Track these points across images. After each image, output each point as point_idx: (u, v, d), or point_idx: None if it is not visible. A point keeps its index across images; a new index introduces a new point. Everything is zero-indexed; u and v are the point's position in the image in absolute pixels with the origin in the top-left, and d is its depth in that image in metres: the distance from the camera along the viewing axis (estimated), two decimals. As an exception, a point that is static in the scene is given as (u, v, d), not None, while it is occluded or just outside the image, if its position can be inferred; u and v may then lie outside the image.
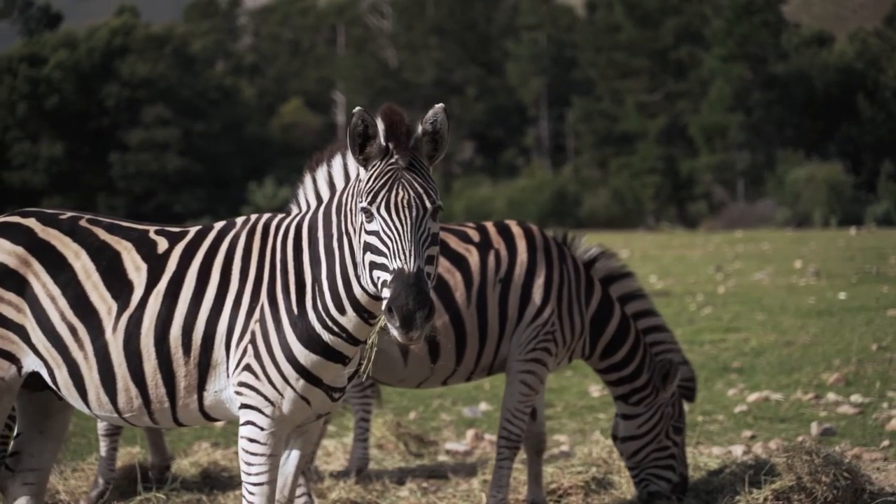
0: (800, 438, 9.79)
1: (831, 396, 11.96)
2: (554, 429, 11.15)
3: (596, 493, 8.46)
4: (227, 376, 5.75)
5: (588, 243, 8.19)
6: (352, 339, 5.64)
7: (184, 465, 9.35)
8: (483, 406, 12.22)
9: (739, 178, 63.05)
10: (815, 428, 10.34)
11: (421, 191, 5.31)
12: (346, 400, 9.72)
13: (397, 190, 5.27)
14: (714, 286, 23.95)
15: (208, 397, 5.80)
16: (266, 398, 5.66)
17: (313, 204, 5.83)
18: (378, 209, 5.25)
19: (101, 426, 8.71)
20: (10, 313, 5.89)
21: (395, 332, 5.11)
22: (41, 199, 64.55)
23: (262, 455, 5.72)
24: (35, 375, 5.97)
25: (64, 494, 8.86)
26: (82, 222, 6.07)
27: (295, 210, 5.91)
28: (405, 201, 5.26)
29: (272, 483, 5.77)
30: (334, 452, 10.18)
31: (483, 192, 63.54)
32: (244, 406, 5.71)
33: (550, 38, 75.46)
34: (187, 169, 66.33)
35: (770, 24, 64.16)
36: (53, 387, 5.95)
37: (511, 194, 62.11)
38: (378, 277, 5.23)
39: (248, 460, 5.74)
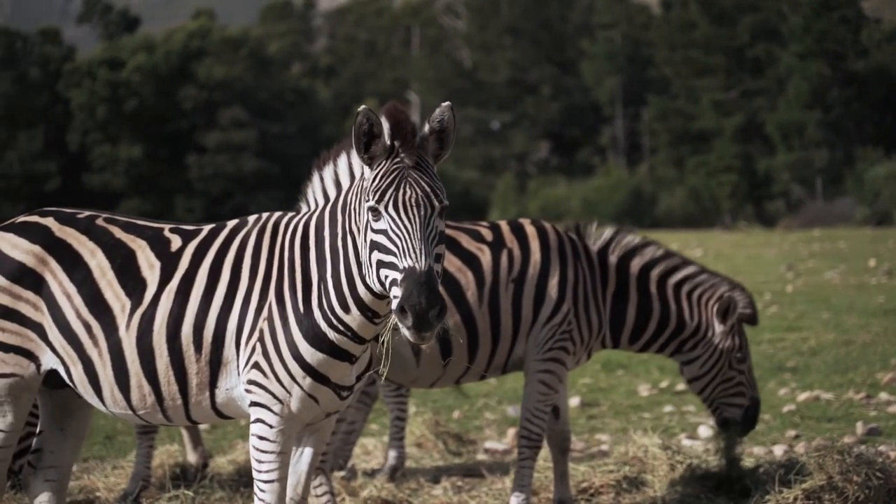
0: (841, 438, 9.65)
1: (883, 396, 11.80)
2: (596, 428, 11.10)
3: (627, 492, 8.41)
4: (238, 374, 5.78)
5: (602, 229, 8.15)
6: (357, 338, 5.65)
7: (221, 463, 9.41)
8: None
9: (818, 177, 62.24)
10: (860, 428, 10.20)
11: (428, 189, 5.31)
12: (383, 399, 9.75)
13: (405, 189, 5.28)
14: (783, 285, 23.72)
15: (220, 395, 5.83)
16: (274, 396, 5.68)
17: (321, 202, 5.85)
18: (386, 208, 5.25)
19: (137, 424, 8.80)
20: (28, 311, 5.96)
21: (406, 331, 5.12)
22: (120, 202, 65.50)
23: (271, 452, 5.74)
24: (54, 373, 6.03)
25: (103, 491, 8.95)
26: (99, 221, 6.14)
27: (304, 208, 5.94)
28: (413, 200, 5.26)
29: (283, 480, 5.80)
30: (373, 451, 10.20)
31: (558, 192, 63.41)
32: (254, 404, 5.74)
33: (626, 37, 75.09)
34: (263, 170, 66.84)
35: (849, 21, 63.21)
36: (70, 384, 6.02)
37: (586, 194, 61.92)
38: (386, 276, 5.23)
39: (259, 458, 5.77)
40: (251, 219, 6.01)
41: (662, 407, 11.99)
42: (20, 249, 6.01)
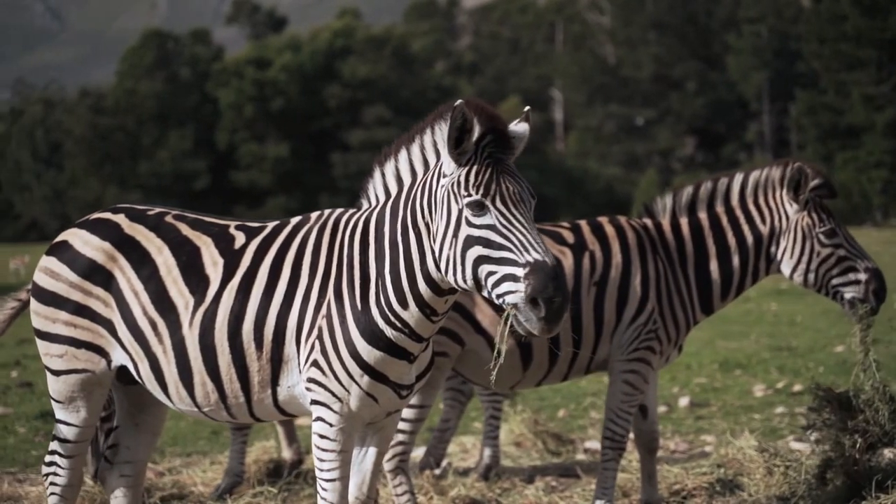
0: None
1: None
2: (703, 429, 10.89)
3: (720, 494, 8.20)
4: (299, 372, 5.74)
5: (665, 198, 7.95)
6: (414, 335, 5.59)
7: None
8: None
9: (974, 172, 60.47)
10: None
11: (524, 184, 5.31)
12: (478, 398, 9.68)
13: (507, 183, 5.24)
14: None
15: (282, 392, 5.81)
16: (333, 394, 5.64)
17: (382, 199, 5.79)
18: (493, 202, 5.19)
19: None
20: (98, 308, 6.02)
21: (532, 326, 5.03)
22: (267, 199, 66.57)
23: (332, 451, 5.70)
24: (125, 369, 6.09)
25: (200, 486, 9.04)
26: (168, 218, 6.17)
27: (365, 205, 5.88)
28: (518, 194, 5.24)
29: (344, 479, 5.75)
30: (471, 449, 10.14)
31: (702, 189, 62.51)
32: (314, 402, 5.70)
33: (773, 31, 73.77)
34: (407, 168, 67.16)
35: None
36: (139, 380, 6.07)
37: (731, 190, 60.91)
38: (491, 272, 5.15)
39: (320, 456, 5.73)
40: (313, 216, 5.98)
41: (775, 408, 11.71)
42: (91, 246, 6.08)
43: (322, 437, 5.71)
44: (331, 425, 5.68)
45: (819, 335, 17.22)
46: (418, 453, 9.66)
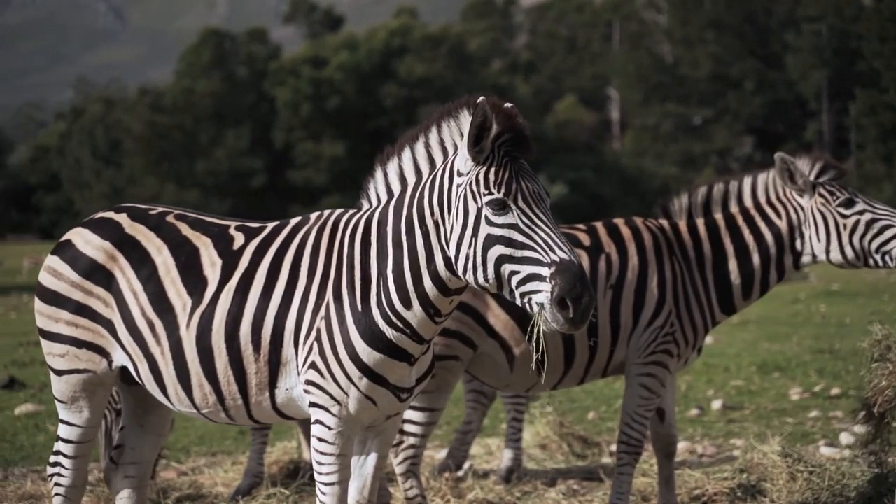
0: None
1: None
2: (733, 432, 10.73)
3: (741, 500, 8.04)
4: (297, 374, 5.67)
5: (681, 196, 7.81)
6: (416, 336, 5.50)
7: (333, 461, 9.35)
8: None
9: None
10: None
11: (541, 184, 5.25)
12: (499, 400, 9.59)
13: (526, 182, 5.17)
14: None
15: (280, 395, 5.73)
16: (332, 397, 5.56)
17: (384, 198, 5.71)
18: (515, 200, 5.11)
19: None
20: (99, 307, 5.99)
21: (560, 326, 4.96)
22: (322, 198, 66.72)
23: (331, 455, 5.62)
24: (128, 369, 6.05)
25: (220, 486, 9.02)
26: (169, 217, 6.12)
27: (366, 205, 5.80)
28: (538, 193, 5.18)
29: (343, 483, 5.68)
30: (496, 452, 10.05)
31: (760, 188, 62.02)
32: (312, 405, 5.62)
33: (832, 29, 73.02)
34: (463, 167, 67.15)
35: None
36: (139, 381, 6.03)
37: (790, 190, 60.43)
38: (512, 272, 5.07)
39: (319, 460, 5.65)
40: (313, 216, 5.91)
41: (809, 412, 11.53)
42: (92, 245, 6.05)
43: (321, 440, 5.63)
44: (329, 428, 5.60)
45: (867, 337, 16.92)
46: (441, 455, 9.60)
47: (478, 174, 5.20)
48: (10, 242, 73.58)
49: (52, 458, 6.27)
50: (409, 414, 7.33)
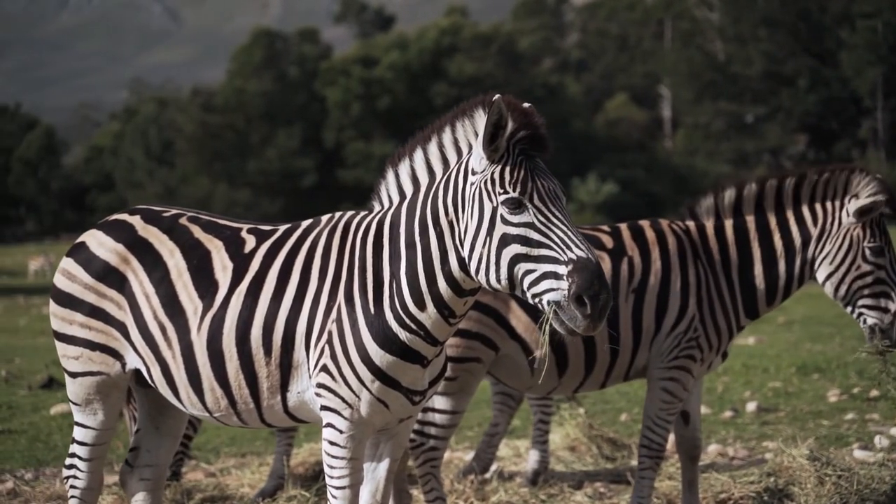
0: None
1: None
2: (766, 435, 10.60)
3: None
4: (309, 377, 5.63)
5: (707, 197, 7.61)
6: (430, 338, 5.45)
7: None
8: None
9: None
10: None
11: (557, 182, 5.20)
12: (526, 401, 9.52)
13: (542, 181, 5.12)
14: None
15: (291, 398, 5.70)
16: (343, 400, 5.52)
17: (396, 200, 5.67)
18: (531, 199, 5.07)
19: None
20: (112, 310, 5.98)
21: (577, 324, 4.88)
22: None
23: (343, 458, 5.58)
24: (141, 372, 6.05)
25: (247, 488, 9.02)
26: (182, 220, 6.10)
27: (377, 207, 5.77)
28: (554, 191, 5.13)
29: (355, 487, 5.64)
30: (524, 454, 9.98)
31: (813, 187, 61.48)
32: (324, 408, 5.58)
33: (888, 25, 72.26)
34: (513, 166, 66.99)
35: None
36: (151, 384, 6.03)
37: (843, 188, 59.84)
38: (526, 271, 5.01)
39: (331, 463, 5.61)
40: (324, 218, 5.88)
41: (845, 414, 11.37)
42: (105, 248, 6.05)
43: (332, 443, 5.59)
44: (341, 432, 5.56)
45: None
46: (470, 457, 9.55)
47: (493, 173, 5.15)
48: (63, 241, 74.18)
49: (68, 461, 6.27)
50: (430, 416, 7.29)
